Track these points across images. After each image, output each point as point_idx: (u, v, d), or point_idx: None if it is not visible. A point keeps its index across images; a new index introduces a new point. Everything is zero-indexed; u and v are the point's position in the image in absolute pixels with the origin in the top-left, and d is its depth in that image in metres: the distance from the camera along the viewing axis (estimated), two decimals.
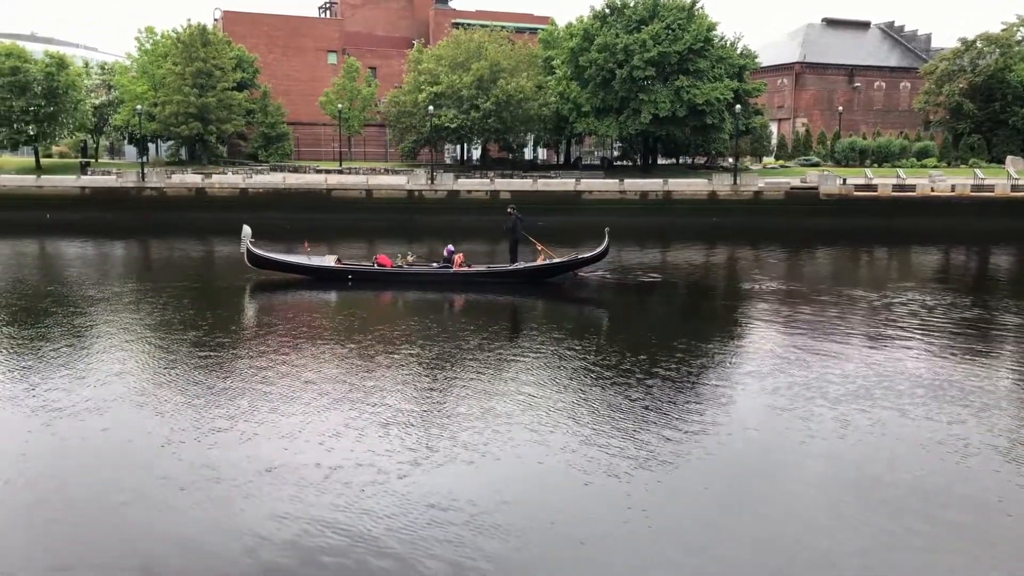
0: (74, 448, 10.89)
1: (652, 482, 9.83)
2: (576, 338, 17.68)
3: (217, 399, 12.83)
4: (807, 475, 10.23)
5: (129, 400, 12.82)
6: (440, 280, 24.21)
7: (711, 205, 46.81)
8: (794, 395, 13.20)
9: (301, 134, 66.19)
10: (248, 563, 8.00)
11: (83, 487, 9.64)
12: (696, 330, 19.20)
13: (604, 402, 12.85)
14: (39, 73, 51.36)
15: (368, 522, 8.73)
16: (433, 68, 54.80)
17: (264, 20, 71.74)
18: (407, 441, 11.05)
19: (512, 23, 70.48)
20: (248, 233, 24.39)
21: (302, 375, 14.27)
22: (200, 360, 15.32)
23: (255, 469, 10.06)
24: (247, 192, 47.36)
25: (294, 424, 11.69)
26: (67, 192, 47.57)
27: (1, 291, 23.99)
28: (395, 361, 15.40)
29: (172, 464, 10.22)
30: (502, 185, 48.40)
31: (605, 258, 25.64)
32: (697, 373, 14.72)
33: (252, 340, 17.31)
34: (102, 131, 63.57)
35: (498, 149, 63.20)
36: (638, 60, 48.59)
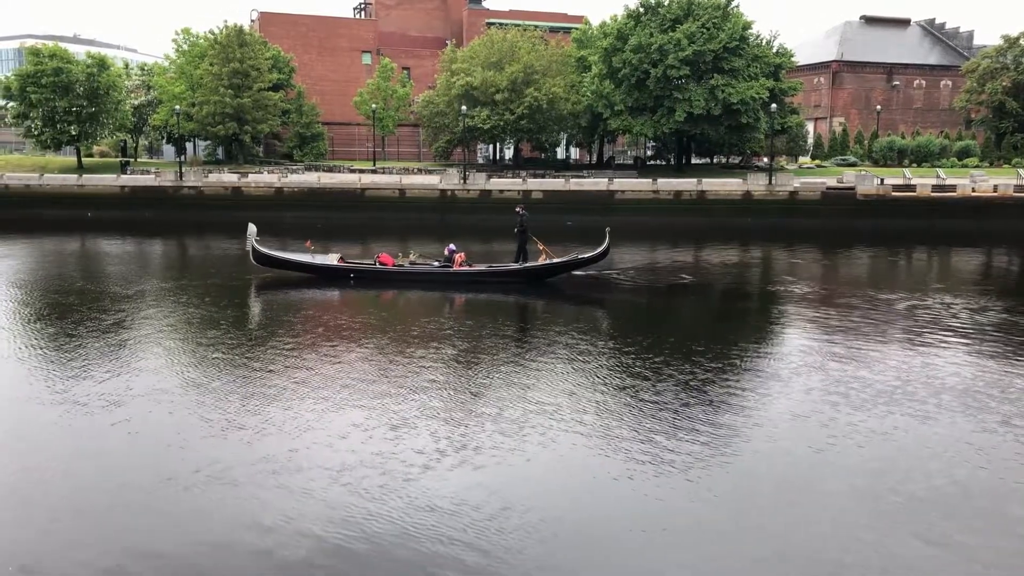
0: (88, 441, 11.11)
1: (671, 486, 9.76)
2: (605, 339, 17.60)
3: (233, 396, 12.97)
4: (830, 484, 9.99)
5: (154, 395, 13.01)
6: (441, 279, 24.35)
7: (746, 205, 46.34)
8: (822, 400, 12.96)
9: (335, 134, 66.77)
10: (277, 556, 8.10)
11: (100, 479, 9.83)
12: (727, 333, 18.99)
13: (630, 405, 12.74)
14: (81, 74, 52.40)
15: (391, 520, 8.80)
16: (467, 68, 54.96)
17: (300, 21, 72.49)
18: (437, 439, 11.08)
19: (546, 23, 70.46)
20: (253, 232, 24.71)
21: (329, 373, 14.38)
22: (224, 357, 15.53)
23: (290, 464, 10.19)
24: (282, 191, 47.87)
25: (323, 421, 11.80)
26: (107, 191, 48.48)
27: (43, 287, 24.58)
28: (420, 359, 15.43)
29: (197, 457, 10.37)
30: (534, 185, 48.38)
31: (605, 259, 25.49)
32: (726, 377, 14.53)
33: (269, 339, 17.40)
34: (141, 131, 64.66)
35: (531, 149, 63.22)
36: (672, 59, 48.28)
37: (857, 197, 45.70)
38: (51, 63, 51.73)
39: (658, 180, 48.45)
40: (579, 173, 54.19)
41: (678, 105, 49.37)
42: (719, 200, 46.65)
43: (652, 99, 50.58)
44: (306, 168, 54.96)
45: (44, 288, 24.51)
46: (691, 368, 14.79)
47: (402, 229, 41.11)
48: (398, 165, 58.06)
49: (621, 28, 51.66)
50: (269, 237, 28.34)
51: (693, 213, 45.51)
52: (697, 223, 43.66)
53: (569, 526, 8.82)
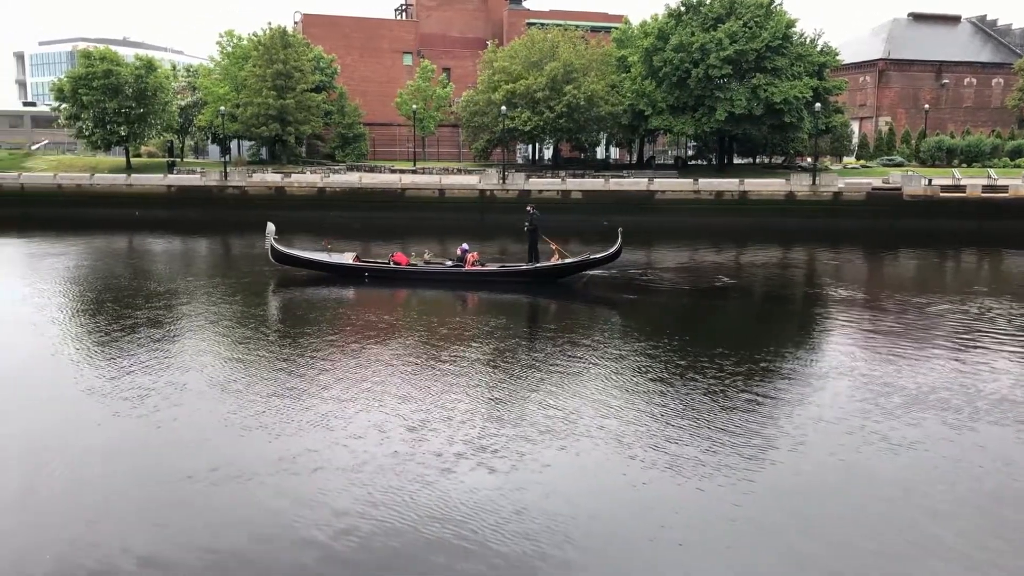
0: (112, 435, 11.35)
1: (694, 494, 9.65)
2: (634, 342, 17.46)
3: (254, 394, 13.15)
4: (856, 495, 9.75)
5: (178, 391, 13.27)
6: (453, 278, 24.43)
7: (788, 206, 45.68)
8: (853, 407, 12.68)
9: (377, 134, 67.32)
10: (315, 550, 8.21)
11: (118, 473, 10.04)
12: (761, 336, 18.73)
13: (655, 409, 12.60)
14: (130, 76, 53.54)
15: (410, 521, 8.86)
16: (507, 68, 55.05)
17: (342, 22, 73.23)
18: (461, 440, 11.12)
19: (586, 22, 70.23)
20: (272, 230, 25.26)
21: (349, 373, 14.51)
22: (249, 356, 15.79)
23: (333, 460, 10.31)
24: (324, 191, 48.41)
25: (343, 420, 11.90)
26: (155, 191, 49.50)
27: (90, 283, 25.22)
28: (446, 360, 15.49)
29: (236, 452, 10.54)
30: (573, 185, 48.27)
31: (618, 259, 25.31)
32: (756, 381, 14.29)
33: (290, 338, 17.62)
34: (187, 131, 65.87)
35: (570, 148, 63.08)
36: (714, 59, 47.83)
37: (904, 198, 44.79)
38: (101, 65, 52.95)
39: (699, 180, 48.00)
40: (619, 173, 53.93)
41: (719, 104, 48.89)
42: (761, 200, 46.07)
43: (693, 98, 50.17)
44: (348, 168, 55.52)
45: (91, 285, 25.20)
46: (721, 372, 14.60)
47: (441, 229, 41.30)
48: (438, 165, 58.35)
49: (662, 27, 51.33)
50: (310, 236, 28.72)
51: (735, 214, 45.04)
52: (739, 224, 43.19)
53: (587, 531, 8.74)
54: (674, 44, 49.21)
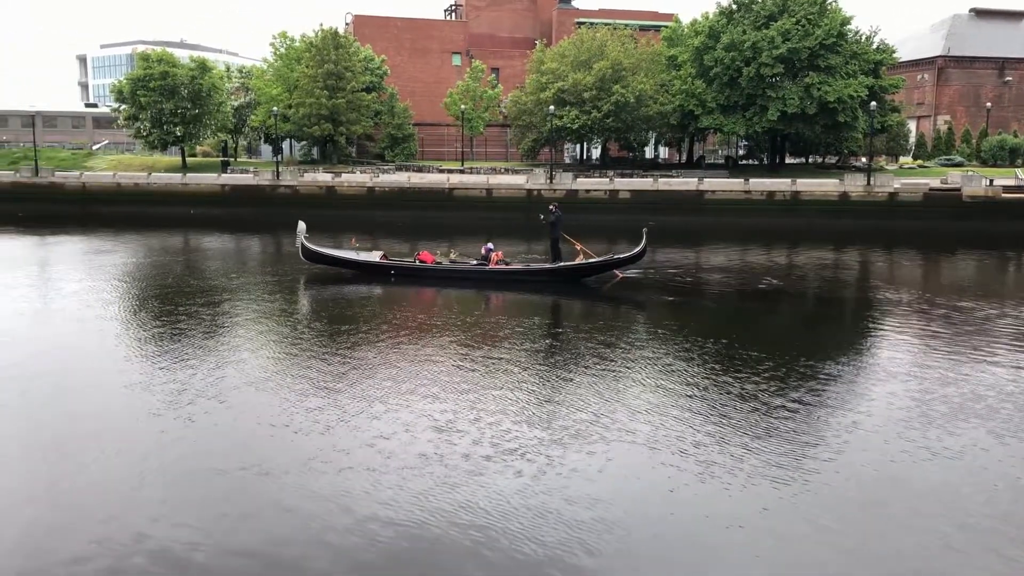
0: (189, 430, 11.58)
1: (728, 501, 9.47)
2: (670, 344, 17.21)
3: (286, 392, 13.30)
4: (894, 504, 9.42)
5: (232, 386, 13.48)
6: (477, 277, 24.50)
7: (842, 206, 44.81)
8: (898, 415, 12.25)
9: (425, 134, 67.83)
10: (368, 543, 8.29)
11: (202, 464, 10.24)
12: (805, 340, 18.28)
13: (691, 413, 12.37)
14: (185, 77, 54.81)
15: (455, 522, 8.88)
16: (556, 67, 54.99)
17: (392, 23, 73.94)
18: (506, 440, 11.12)
19: (635, 21, 69.83)
20: (303, 229, 25.56)
21: (382, 371, 14.61)
22: (282, 353, 15.99)
23: (386, 454, 10.40)
24: (374, 191, 48.93)
25: (376, 418, 11.96)
26: (209, 189, 50.62)
27: (145, 280, 25.87)
28: (488, 359, 15.49)
29: (266, 449, 10.70)
30: (621, 184, 48.01)
31: (643, 259, 25.01)
32: (795, 387, 13.93)
33: (320, 335, 17.80)
34: (241, 131, 67.19)
35: (618, 148, 62.76)
36: (766, 57, 47.14)
37: (963, 199, 43.58)
38: (158, 67, 54.34)
39: (750, 180, 47.36)
40: (668, 173, 53.46)
41: (771, 104, 48.18)
42: (814, 201, 45.23)
43: (744, 97, 49.52)
44: (397, 168, 56.05)
45: (143, 281, 25.92)
46: (758, 376, 14.23)
47: (488, 228, 41.37)
48: (485, 165, 58.56)
49: (713, 26, 50.77)
50: (362, 236, 29.04)
51: (786, 214, 44.32)
52: (790, 224, 42.49)
53: (616, 537, 8.61)
54: (725, 43, 48.64)
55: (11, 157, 60.21)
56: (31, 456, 10.65)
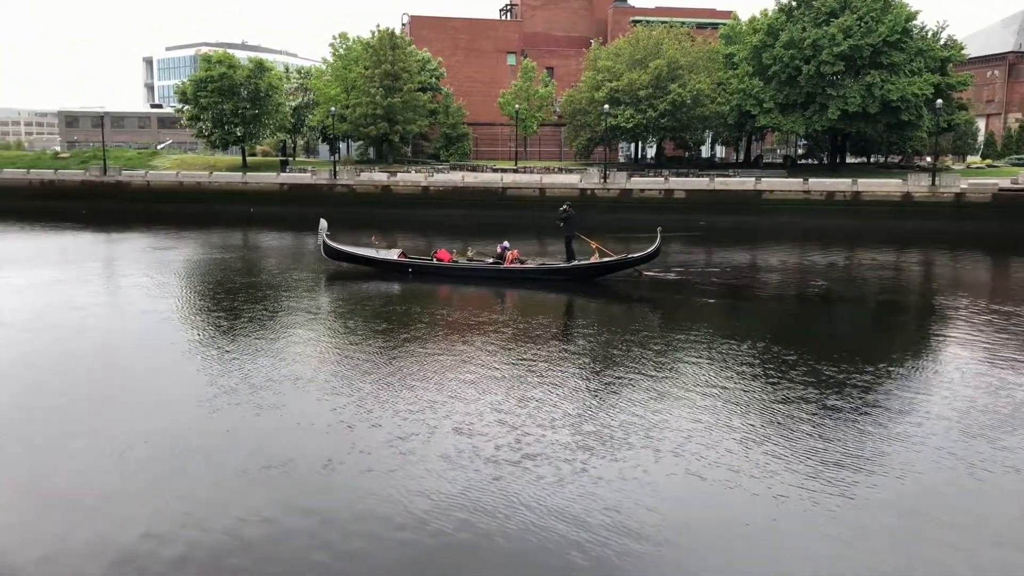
0: (240, 423, 11.82)
1: (780, 510, 9.27)
2: (708, 348, 16.91)
3: (335, 386, 13.45)
4: (957, 515, 9.10)
5: (280, 381, 13.67)
6: (493, 275, 24.58)
7: (905, 207, 43.62)
8: (955, 426, 11.78)
9: (479, 134, 68.13)
10: (417, 536, 8.36)
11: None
12: (860, 345, 17.74)
13: (738, 418, 12.19)
14: (243, 78, 55.96)
15: (527, 510, 8.89)
16: (611, 66, 54.71)
17: (448, 24, 74.44)
18: (539, 442, 11.09)
19: (692, 19, 69.10)
20: (324, 227, 26.01)
21: (457, 363, 14.68)
22: (328, 350, 16.18)
23: (435, 449, 10.49)
24: (428, 190, 49.33)
25: (426, 412, 12.02)
26: (268, 188, 51.66)
27: (202, 276, 26.54)
28: (528, 359, 15.45)
29: (339, 440, 10.85)
30: (677, 184, 47.51)
31: (657, 258, 24.77)
32: (842, 393, 13.64)
33: (355, 332, 17.98)
34: (299, 131, 68.38)
35: (674, 147, 62.16)
36: (827, 55, 46.16)
37: None
38: (218, 69, 55.61)
39: (809, 180, 46.42)
40: (724, 172, 52.73)
41: (832, 102, 47.17)
42: (875, 201, 44.14)
43: (803, 96, 48.58)
44: (451, 168, 56.42)
45: (202, 277, 26.59)
46: (809, 381, 13.90)
47: (541, 228, 41.39)
48: (539, 164, 58.55)
49: (772, 23, 49.91)
50: (412, 235, 29.27)
51: (847, 215, 43.36)
52: (850, 226, 41.55)
53: (655, 543, 8.51)
54: (784, 40, 47.78)
55: (82, 156, 62.29)
56: (95, 443, 11.00)
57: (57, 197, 54.54)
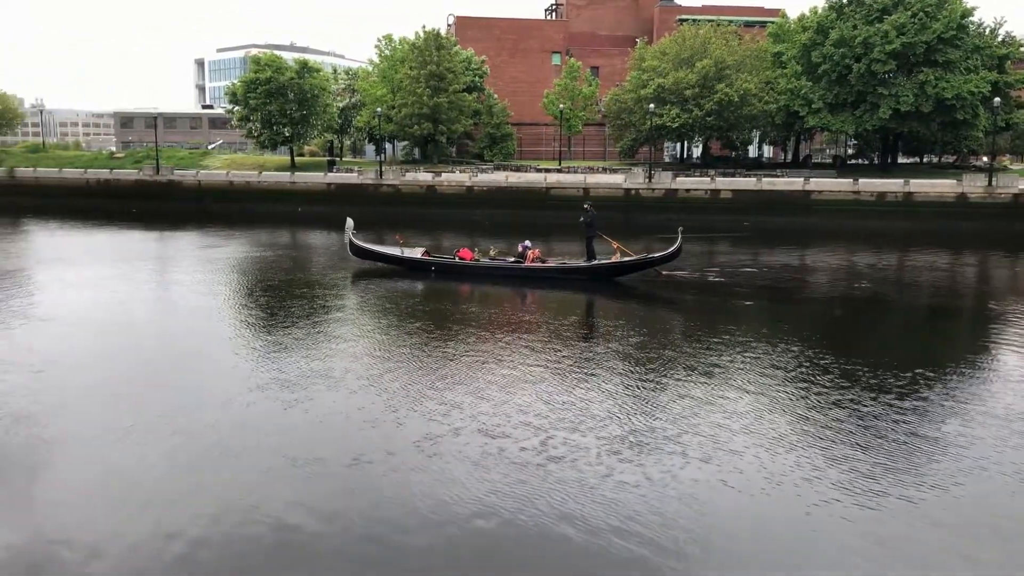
0: (288, 420, 12.01)
1: (830, 518, 9.13)
2: (770, 349, 16.74)
3: (371, 383, 13.56)
4: (964, 536, 8.77)
5: (318, 376, 13.86)
6: (513, 274, 24.71)
7: (960, 208, 42.54)
8: (991, 436, 11.41)
9: (523, 134, 68.17)
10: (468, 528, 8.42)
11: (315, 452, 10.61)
12: (920, 351, 17.37)
13: (787, 421, 12.03)
14: (289, 79, 56.69)
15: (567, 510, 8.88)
16: (657, 65, 54.33)
17: (493, 24, 74.60)
18: (572, 441, 11.06)
19: (740, 17, 68.24)
20: (351, 226, 26.65)
21: (495, 364, 14.71)
22: (355, 345, 16.33)
23: (477, 444, 10.56)
24: (472, 190, 49.54)
25: (473, 411, 12.10)
26: (315, 188, 52.39)
27: (250, 273, 27.03)
28: (568, 356, 15.43)
29: (381, 436, 10.97)
30: (723, 184, 46.99)
31: (678, 258, 24.59)
32: (908, 402, 13.35)
33: (382, 329, 18.09)
34: (346, 132, 69.16)
35: (720, 147, 61.49)
36: (878, 53, 45.22)
37: None
38: (266, 72, 56.51)
39: (859, 180, 45.53)
40: (772, 172, 51.98)
41: (883, 101, 46.20)
42: (928, 202, 43.12)
43: (854, 95, 47.65)
44: (495, 168, 56.55)
45: (249, 274, 27.10)
46: (860, 387, 13.64)
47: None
48: (583, 164, 58.37)
49: (821, 21, 49.05)
50: (457, 234, 29.43)
51: (898, 216, 42.47)
52: (902, 227, 40.69)
53: (708, 548, 8.48)
54: (834, 39, 46.94)
55: (136, 156, 63.83)
56: (153, 434, 11.29)
57: (112, 196, 56.01)
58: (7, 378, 13.81)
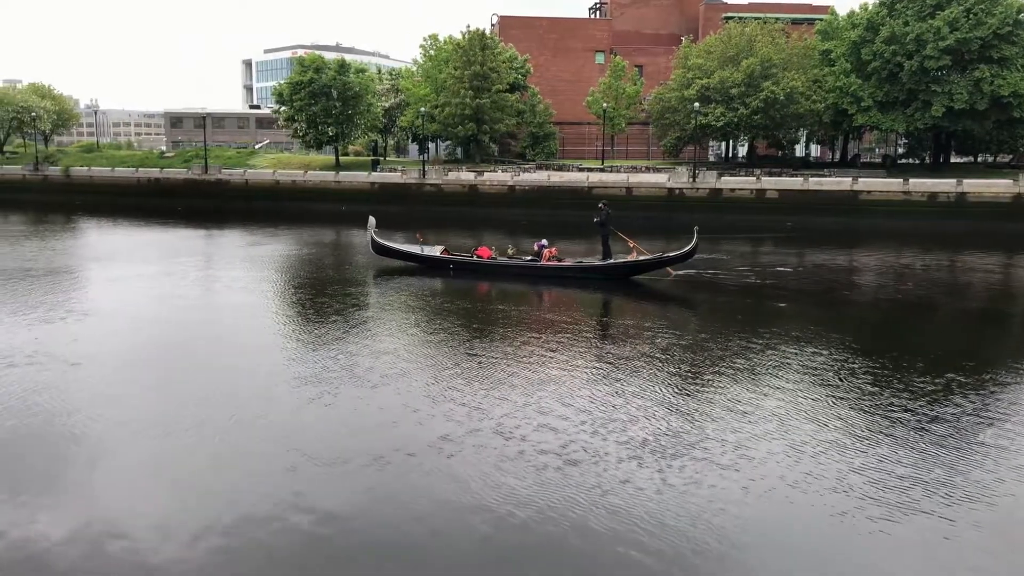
0: (333, 415, 12.12)
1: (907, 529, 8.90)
2: (809, 352, 16.43)
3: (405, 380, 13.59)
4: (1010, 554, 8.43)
5: (348, 373, 13.98)
6: (530, 272, 24.81)
7: (1016, 209, 41.36)
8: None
9: (566, 133, 67.99)
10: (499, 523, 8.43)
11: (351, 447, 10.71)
12: (973, 357, 16.89)
13: (861, 428, 11.81)
14: (331, 79, 57.26)
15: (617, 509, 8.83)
16: (702, 64, 53.77)
17: (537, 23, 74.55)
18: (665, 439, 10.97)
19: (787, 14, 67.14)
20: (373, 224, 27.22)
21: (545, 362, 14.68)
22: (382, 343, 16.40)
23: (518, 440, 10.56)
24: (514, 189, 49.57)
25: (510, 407, 12.09)
26: (359, 187, 52.91)
27: (294, 271, 27.43)
28: (605, 357, 15.31)
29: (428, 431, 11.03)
30: (769, 184, 46.33)
31: (693, 257, 24.52)
32: (963, 410, 13.01)
33: (404, 327, 18.10)
34: (391, 131, 69.68)
35: (766, 146, 60.64)
36: (931, 49, 44.18)
37: None
38: (309, 74, 57.20)
39: (910, 180, 44.54)
40: (820, 172, 51.09)
41: (935, 99, 45.14)
42: (982, 203, 42.03)
43: (905, 93, 46.65)
44: (537, 167, 56.50)
45: (293, 273, 27.56)
46: (911, 394, 13.35)
47: (626, 227, 41.04)
48: (626, 164, 58.03)
49: (872, 17, 48.11)
50: (498, 234, 29.49)
51: (950, 217, 41.46)
52: (955, 228, 39.67)
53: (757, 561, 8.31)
54: (885, 35, 46.00)
55: (185, 156, 65.13)
56: (200, 426, 11.50)
57: (162, 195, 57.23)
58: (58, 370, 14.19)
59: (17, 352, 15.23)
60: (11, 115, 72.83)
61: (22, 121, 73.27)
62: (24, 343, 15.92)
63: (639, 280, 24.67)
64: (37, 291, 21.91)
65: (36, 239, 36.34)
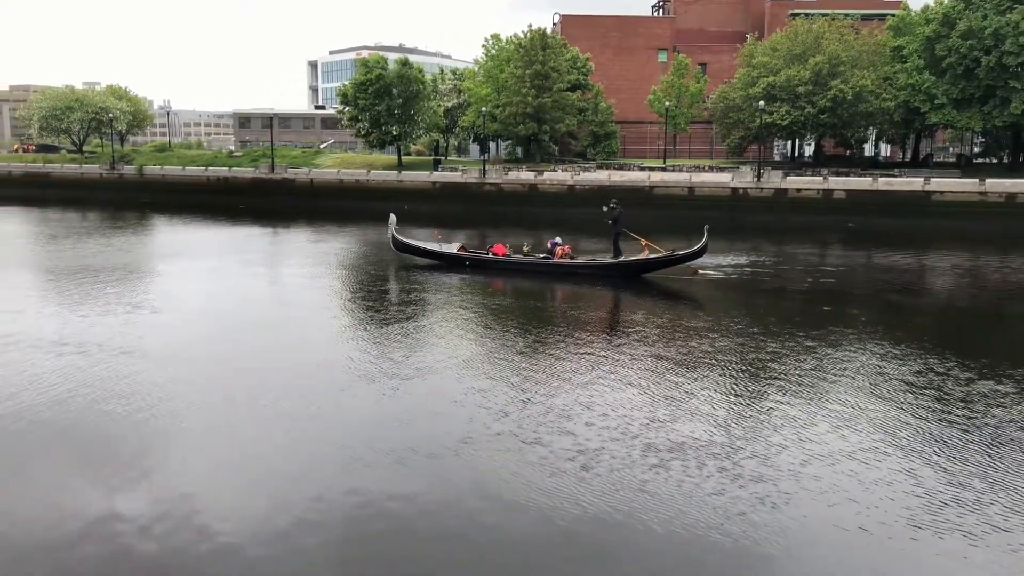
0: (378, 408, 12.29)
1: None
2: (897, 355, 15.97)
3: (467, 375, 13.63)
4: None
5: (389, 372, 14.15)
6: (543, 270, 25.10)
7: None
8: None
9: (627, 132, 67.52)
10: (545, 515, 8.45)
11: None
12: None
13: (920, 435, 11.46)
14: (393, 78, 57.92)
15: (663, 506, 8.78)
16: (767, 62, 52.80)
17: (599, 22, 74.23)
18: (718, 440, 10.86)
19: (857, 10, 65.47)
20: (394, 221, 27.89)
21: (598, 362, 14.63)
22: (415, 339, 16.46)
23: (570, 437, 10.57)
24: (574, 189, 49.44)
25: (563, 404, 12.05)
26: (421, 186, 53.47)
27: (354, 270, 28.02)
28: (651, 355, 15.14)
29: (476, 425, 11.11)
30: (836, 184, 45.23)
31: (703, 255, 24.63)
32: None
33: (425, 324, 18.10)
34: (452, 131, 70.23)
35: (833, 145, 59.25)
36: (1011, 44, 42.56)
37: None
38: (374, 72, 57.99)
39: (986, 180, 42.97)
40: (889, 172, 49.67)
41: (1014, 95, 43.47)
42: None
43: (982, 89, 45.02)
44: (598, 166, 56.25)
45: (352, 271, 28.26)
46: (982, 406, 12.92)
47: (688, 227, 40.51)
48: (688, 163, 57.33)
49: (947, 12, 46.54)
50: (557, 231, 29.52)
51: None
52: None
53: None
54: (962, 30, 44.45)
55: (252, 155, 66.73)
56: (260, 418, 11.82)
57: (231, 193, 58.69)
58: (139, 363, 14.72)
59: (107, 343, 16.01)
60: (90, 116, 75.74)
61: (100, 122, 76.11)
62: (112, 334, 16.77)
63: (648, 278, 24.86)
64: (121, 286, 22.88)
65: (128, 233, 38.46)
